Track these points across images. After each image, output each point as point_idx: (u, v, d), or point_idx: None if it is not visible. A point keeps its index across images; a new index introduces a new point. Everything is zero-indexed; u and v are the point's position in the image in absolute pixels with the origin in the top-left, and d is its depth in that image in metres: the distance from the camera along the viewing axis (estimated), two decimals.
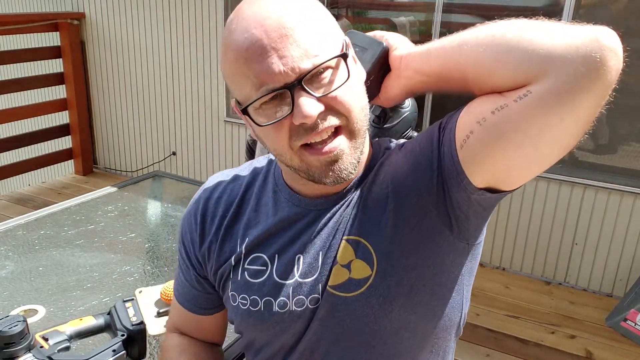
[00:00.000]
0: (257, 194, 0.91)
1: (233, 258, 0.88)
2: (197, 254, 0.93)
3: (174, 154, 4.51)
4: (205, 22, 4.00)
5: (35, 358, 0.87)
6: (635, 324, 2.74)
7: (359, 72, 0.79)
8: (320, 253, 0.84)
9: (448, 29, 3.34)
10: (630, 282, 3.05)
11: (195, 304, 0.98)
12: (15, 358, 0.87)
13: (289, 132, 0.73)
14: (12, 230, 1.82)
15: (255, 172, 0.94)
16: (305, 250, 0.84)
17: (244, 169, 0.96)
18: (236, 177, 0.94)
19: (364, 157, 0.85)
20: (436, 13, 3.24)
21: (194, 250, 0.94)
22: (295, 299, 0.83)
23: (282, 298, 0.83)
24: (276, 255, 0.86)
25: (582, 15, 3.00)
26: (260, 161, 0.96)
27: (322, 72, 0.72)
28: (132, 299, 1.03)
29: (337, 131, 0.75)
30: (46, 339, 0.91)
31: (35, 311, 1.35)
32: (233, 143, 4.18)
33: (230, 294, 0.89)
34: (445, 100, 3.43)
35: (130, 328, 0.95)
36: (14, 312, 1.35)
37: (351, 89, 0.74)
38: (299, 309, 0.83)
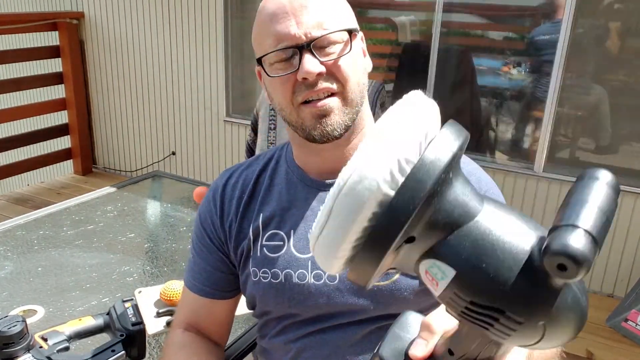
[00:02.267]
0: (270, 175, 0.99)
1: (251, 233, 0.95)
2: (219, 235, 0.99)
3: (173, 154, 4.50)
4: (205, 22, 4.00)
5: (35, 358, 0.87)
6: (636, 324, 2.74)
7: (364, 59, 0.92)
8: None
9: (448, 28, 3.34)
10: (631, 283, 3.04)
11: (216, 287, 1.01)
12: (15, 358, 0.86)
13: (292, 88, 0.86)
14: (11, 231, 1.82)
15: (268, 158, 1.03)
16: None
17: (257, 158, 1.04)
18: (250, 164, 1.03)
19: (363, 135, 0.93)
20: (436, 13, 3.23)
21: (215, 232, 0.99)
22: (313, 272, 0.91)
23: (301, 270, 0.91)
24: (292, 231, 0.93)
25: (582, 16, 3.00)
26: (271, 149, 1.05)
27: (329, 46, 0.85)
28: (132, 299, 1.03)
29: (332, 96, 0.86)
30: (45, 339, 0.91)
31: (34, 311, 1.35)
32: (233, 143, 4.18)
33: (251, 270, 0.94)
34: (446, 100, 3.43)
35: (130, 328, 0.95)
36: (13, 313, 1.34)
37: (351, 63, 0.87)
38: (318, 283, 0.91)
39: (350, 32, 0.86)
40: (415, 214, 0.39)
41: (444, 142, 0.42)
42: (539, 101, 3.21)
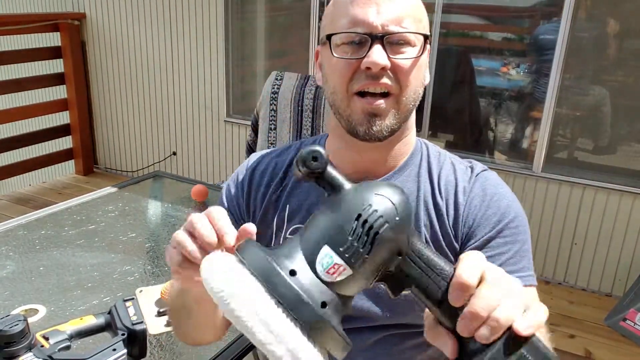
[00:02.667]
0: None
1: (275, 223, 0.95)
2: (243, 217, 0.99)
3: (174, 154, 4.51)
4: (205, 22, 4.00)
5: (36, 357, 0.87)
6: (635, 323, 2.74)
7: (426, 71, 0.91)
8: None
9: (448, 29, 3.35)
10: (629, 282, 3.05)
11: None
12: (16, 357, 0.87)
13: (351, 74, 0.84)
14: (12, 230, 1.82)
15: (298, 150, 0.99)
16: None
17: (289, 147, 1.03)
18: (281, 153, 1.02)
19: (406, 147, 0.94)
20: (436, 13, 3.24)
21: (240, 214, 0.99)
22: None
23: None
24: None
25: (581, 16, 3.00)
26: (305, 140, 1.05)
27: (402, 45, 0.83)
28: (133, 299, 1.03)
29: (388, 96, 0.85)
30: (47, 338, 0.92)
31: (35, 310, 1.36)
32: (233, 143, 4.19)
33: None
34: (445, 101, 3.44)
35: (131, 327, 0.96)
36: (14, 312, 1.35)
37: (416, 69, 0.85)
38: None
39: (426, 38, 0.85)
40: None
41: None
42: (538, 102, 3.21)
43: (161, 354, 1.25)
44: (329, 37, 0.85)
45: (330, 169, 0.54)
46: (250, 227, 0.61)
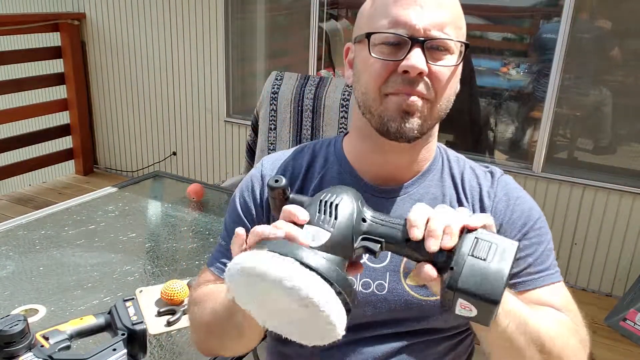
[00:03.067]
0: (319, 172, 0.95)
1: None
2: (261, 222, 0.95)
3: (174, 154, 4.51)
4: (205, 22, 4.00)
5: (36, 357, 0.87)
6: (635, 323, 2.74)
7: (459, 79, 0.89)
8: None
9: None
10: (629, 282, 3.05)
11: None
12: (16, 357, 0.87)
13: (387, 76, 0.81)
14: (13, 230, 1.83)
15: (313, 153, 0.99)
16: None
17: (302, 150, 1.01)
18: (295, 157, 0.99)
19: (429, 153, 0.94)
20: None
21: (256, 222, 0.95)
22: (361, 280, 0.88)
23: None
24: None
25: (581, 16, 3.00)
26: (314, 143, 1.02)
27: (442, 51, 0.81)
28: (133, 299, 1.03)
29: (422, 99, 0.83)
30: (47, 338, 0.92)
31: (35, 310, 1.36)
32: (233, 143, 4.19)
33: None
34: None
35: (131, 327, 0.96)
36: (14, 312, 1.35)
37: (452, 77, 0.83)
38: (366, 291, 0.88)
39: (467, 47, 0.84)
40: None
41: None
42: (538, 101, 3.21)
43: (161, 353, 1.25)
44: (368, 35, 0.82)
45: (291, 197, 0.71)
46: (241, 231, 0.71)
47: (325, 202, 0.66)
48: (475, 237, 0.62)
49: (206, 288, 0.96)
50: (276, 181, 0.69)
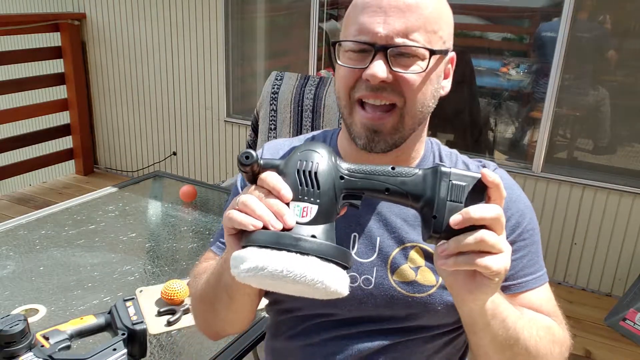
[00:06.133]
0: None
1: None
2: None
3: (174, 154, 4.51)
4: (205, 22, 4.00)
5: (36, 357, 0.88)
6: (634, 323, 2.74)
7: (439, 82, 0.87)
8: (379, 239, 0.90)
9: None
10: (629, 282, 3.05)
11: None
12: (16, 357, 0.87)
13: (354, 82, 0.83)
14: (13, 230, 1.83)
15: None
16: (362, 231, 0.90)
17: (298, 140, 1.02)
18: (293, 142, 1.01)
19: (417, 153, 0.93)
20: None
21: None
22: (348, 274, 0.88)
23: None
24: None
25: (581, 16, 3.00)
26: (314, 133, 1.04)
27: (408, 57, 0.80)
28: (133, 298, 1.03)
29: (392, 109, 0.83)
30: (47, 338, 0.92)
31: (36, 310, 1.36)
32: (233, 143, 4.19)
33: None
34: (445, 101, 3.43)
35: (131, 327, 0.96)
36: (15, 312, 1.35)
37: (423, 83, 0.82)
38: (352, 285, 0.88)
39: (433, 53, 0.81)
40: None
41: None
42: (538, 102, 3.21)
43: (161, 353, 1.25)
44: (333, 44, 0.85)
45: (263, 162, 0.68)
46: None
47: (304, 172, 0.66)
48: (450, 182, 0.65)
49: (205, 263, 0.99)
50: (247, 157, 0.67)
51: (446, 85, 0.91)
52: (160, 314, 1.35)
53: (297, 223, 0.64)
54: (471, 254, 0.62)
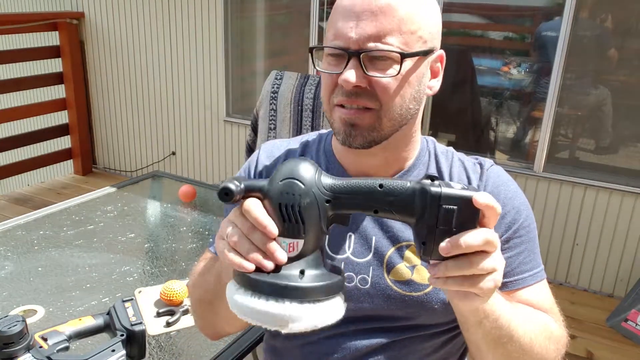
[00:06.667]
0: None
1: None
2: None
3: (173, 154, 4.50)
4: (205, 22, 4.00)
5: (35, 358, 0.87)
6: (636, 324, 2.74)
7: (420, 83, 0.85)
8: (374, 238, 0.90)
9: (448, 29, 3.34)
10: (631, 283, 3.04)
11: None
12: (15, 358, 0.86)
13: (332, 87, 0.84)
14: (11, 231, 1.82)
15: (306, 145, 1.01)
16: (357, 230, 0.91)
17: (294, 142, 1.03)
18: (289, 151, 1.01)
19: (410, 152, 0.92)
20: None
21: None
22: (345, 273, 0.88)
23: None
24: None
25: (582, 15, 3.00)
26: (310, 135, 1.04)
27: (384, 60, 0.79)
28: (132, 299, 1.03)
29: (370, 110, 0.82)
30: (45, 339, 0.91)
31: (34, 311, 1.35)
32: (233, 143, 4.18)
33: None
34: (446, 101, 3.43)
35: (130, 328, 0.95)
36: (13, 312, 1.34)
37: (400, 86, 0.81)
38: (348, 285, 0.89)
39: (404, 56, 0.79)
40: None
41: None
42: (539, 101, 3.21)
43: (160, 354, 1.24)
44: (311, 50, 0.87)
45: (245, 185, 0.65)
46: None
47: (286, 206, 0.63)
48: (440, 206, 0.61)
49: (204, 263, 0.99)
50: (226, 194, 0.63)
51: (434, 85, 0.89)
52: (159, 314, 1.34)
53: (288, 258, 0.64)
54: (460, 278, 0.61)
